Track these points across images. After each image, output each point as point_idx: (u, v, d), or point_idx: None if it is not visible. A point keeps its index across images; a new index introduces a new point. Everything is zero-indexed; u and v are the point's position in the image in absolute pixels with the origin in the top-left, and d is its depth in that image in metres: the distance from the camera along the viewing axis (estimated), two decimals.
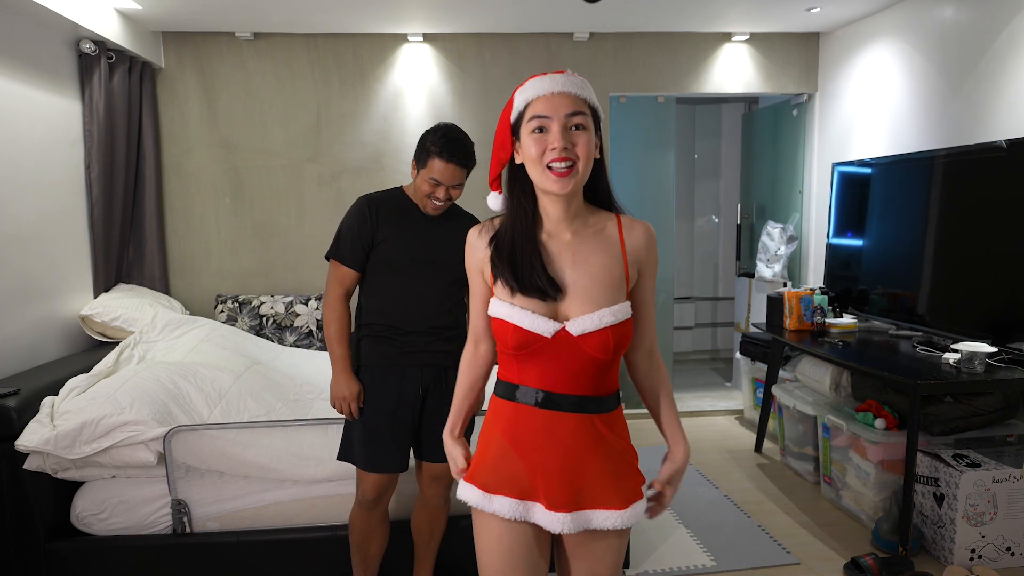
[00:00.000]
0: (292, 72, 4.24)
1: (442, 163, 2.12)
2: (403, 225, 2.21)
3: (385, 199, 2.25)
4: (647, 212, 4.66)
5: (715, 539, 3.00)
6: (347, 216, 2.23)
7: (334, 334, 2.21)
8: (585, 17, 4.01)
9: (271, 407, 2.97)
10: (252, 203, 4.30)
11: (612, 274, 1.41)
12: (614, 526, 1.39)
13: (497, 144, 1.44)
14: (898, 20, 3.81)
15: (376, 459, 2.20)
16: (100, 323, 3.49)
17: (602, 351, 1.36)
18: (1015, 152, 2.82)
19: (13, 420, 2.42)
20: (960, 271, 3.14)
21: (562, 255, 1.40)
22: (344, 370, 2.20)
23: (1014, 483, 2.70)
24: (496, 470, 1.42)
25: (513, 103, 1.40)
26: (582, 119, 1.35)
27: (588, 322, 1.35)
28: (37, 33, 3.24)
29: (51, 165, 3.33)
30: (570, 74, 1.38)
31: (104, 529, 2.52)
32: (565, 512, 1.38)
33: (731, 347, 5.63)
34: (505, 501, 1.40)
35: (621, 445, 1.45)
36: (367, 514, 2.28)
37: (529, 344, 1.37)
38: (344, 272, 2.22)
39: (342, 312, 2.23)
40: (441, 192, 2.16)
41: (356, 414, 2.20)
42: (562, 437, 1.39)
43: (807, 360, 3.64)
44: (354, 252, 2.20)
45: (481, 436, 1.49)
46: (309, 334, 4.11)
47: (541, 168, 1.34)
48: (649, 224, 1.50)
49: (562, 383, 1.38)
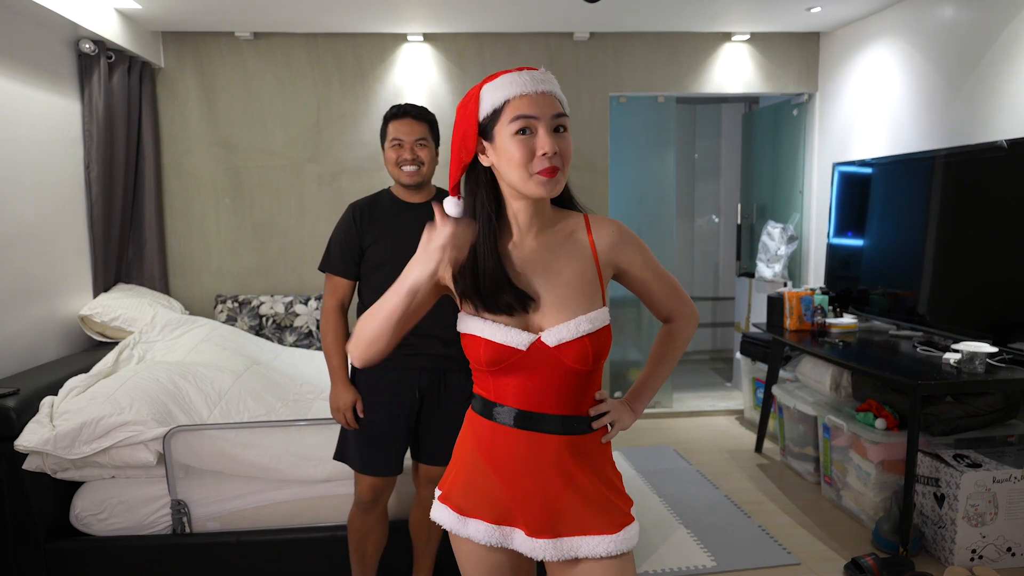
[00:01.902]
0: (292, 72, 4.23)
1: (396, 121, 2.16)
2: (391, 226, 2.19)
3: (371, 203, 2.24)
4: (647, 212, 4.65)
5: (715, 539, 3.00)
6: (336, 226, 2.25)
7: (330, 345, 2.21)
8: (585, 17, 4.01)
9: (271, 407, 2.97)
10: (252, 203, 4.30)
11: (586, 279, 1.33)
12: (608, 552, 1.30)
13: (457, 145, 1.31)
14: (898, 20, 3.80)
15: (370, 461, 2.20)
16: (100, 323, 3.48)
17: (580, 361, 1.29)
18: (1015, 152, 2.82)
19: (12, 420, 2.41)
20: (960, 271, 3.13)
21: (532, 262, 1.32)
22: (341, 380, 2.20)
23: (1015, 483, 2.70)
24: (471, 491, 1.36)
25: (479, 100, 1.28)
26: (565, 121, 1.28)
27: (564, 331, 1.28)
28: (37, 33, 3.24)
29: (51, 165, 3.33)
30: (545, 71, 1.30)
31: (104, 529, 2.52)
32: (547, 539, 1.31)
33: (731, 347, 5.63)
34: (480, 525, 1.34)
35: (606, 467, 1.38)
36: (364, 515, 2.28)
37: (503, 359, 1.29)
38: (337, 282, 2.22)
39: (337, 323, 2.22)
40: (407, 151, 2.15)
41: (353, 424, 2.19)
42: (542, 459, 1.31)
43: (807, 360, 3.64)
44: (344, 261, 2.20)
45: (456, 450, 1.43)
46: (309, 334, 4.11)
47: (526, 172, 1.24)
48: (618, 221, 1.40)
49: (541, 401, 1.31)
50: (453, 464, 1.42)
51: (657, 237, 4.59)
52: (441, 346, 2.17)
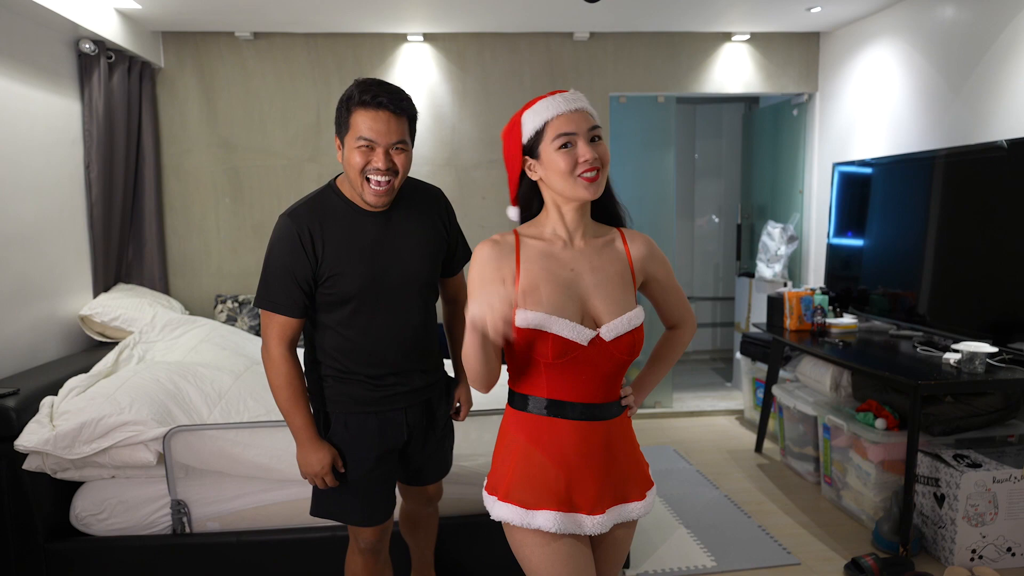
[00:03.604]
0: (292, 72, 4.23)
1: (367, 112, 1.63)
2: (351, 242, 1.73)
3: (319, 213, 1.74)
4: (647, 212, 4.66)
5: (715, 539, 3.00)
6: (272, 249, 1.74)
7: (287, 401, 1.77)
8: (585, 17, 4.01)
9: (271, 407, 2.96)
10: (252, 203, 4.30)
11: (625, 281, 1.51)
12: (639, 515, 1.53)
13: (509, 165, 1.54)
14: (898, 20, 3.80)
15: (368, 513, 1.89)
16: (100, 323, 3.48)
17: (630, 352, 1.45)
18: (1015, 152, 2.82)
19: (12, 420, 2.41)
20: (960, 271, 3.13)
21: (582, 260, 1.49)
22: (309, 440, 1.78)
23: (1015, 483, 2.70)
24: (532, 485, 1.45)
25: (522, 125, 1.48)
26: (599, 131, 1.47)
27: (619, 326, 1.44)
28: (37, 33, 3.23)
29: (51, 165, 3.33)
30: (575, 92, 1.48)
31: (104, 529, 2.52)
32: (601, 514, 1.46)
33: (731, 347, 5.63)
34: (548, 515, 1.43)
35: (632, 439, 1.57)
36: (373, 560, 1.97)
37: (568, 352, 1.41)
38: (282, 322, 1.74)
39: (291, 371, 1.76)
40: (379, 158, 1.64)
41: (333, 483, 1.83)
42: (594, 443, 1.46)
43: (807, 360, 3.64)
44: (290, 297, 1.72)
45: (507, 451, 1.50)
46: None
47: (572, 179, 1.42)
48: (649, 237, 1.62)
49: (594, 391, 1.45)
50: (502, 463, 1.51)
51: (657, 237, 4.58)
52: (422, 377, 1.90)
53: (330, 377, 1.83)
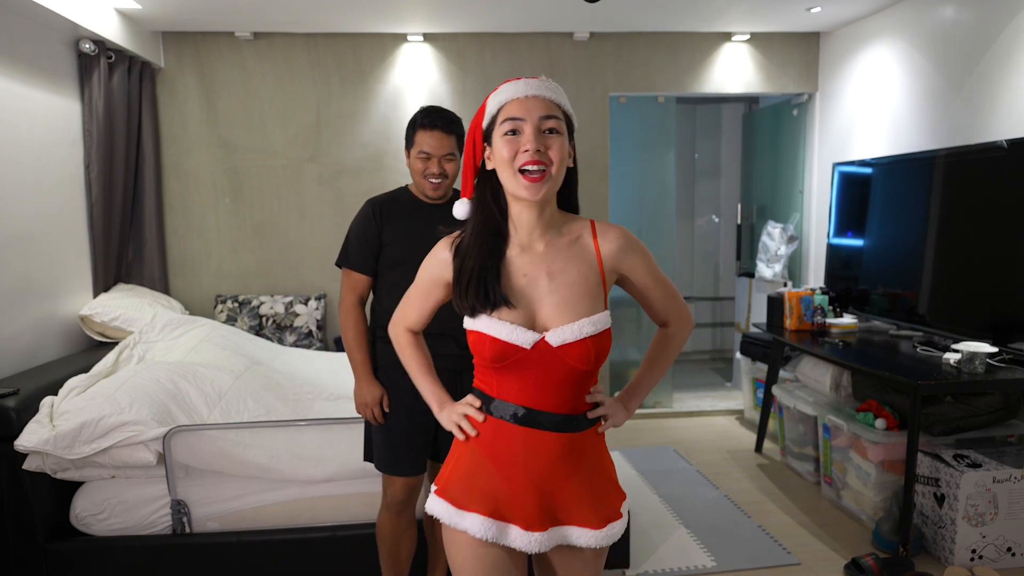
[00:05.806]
0: (292, 72, 4.23)
1: (425, 132, 2.13)
2: (409, 225, 2.18)
3: (389, 200, 2.23)
4: (647, 212, 4.66)
5: (715, 539, 3.00)
6: (354, 221, 2.22)
7: (352, 340, 2.18)
8: (585, 17, 4.01)
9: (271, 407, 2.96)
10: (252, 203, 4.30)
11: (589, 283, 1.38)
12: (588, 545, 1.38)
13: (468, 151, 1.43)
14: (898, 20, 3.80)
15: (394, 462, 2.18)
16: (100, 323, 3.48)
17: (583, 361, 1.34)
18: (1015, 152, 2.82)
19: (12, 420, 2.41)
20: (960, 271, 3.13)
21: (537, 265, 1.38)
22: (366, 376, 2.17)
23: (1015, 483, 2.70)
24: (469, 485, 1.39)
25: (486, 108, 1.39)
26: (556, 123, 1.34)
27: (568, 332, 1.33)
28: (37, 33, 3.24)
29: (51, 165, 3.33)
30: (545, 79, 1.37)
31: (104, 529, 2.52)
32: (540, 531, 1.36)
33: (731, 347, 5.63)
34: (476, 519, 1.36)
35: (600, 462, 1.43)
36: (397, 518, 2.23)
37: (507, 356, 1.34)
38: (355, 278, 2.20)
39: (358, 317, 2.19)
40: (434, 165, 2.12)
41: (380, 419, 2.16)
42: (542, 456, 1.36)
43: (807, 360, 3.64)
44: (362, 256, 2.17)
45: (454, 444, 1.46)
46: (309, 334, 4.11)
47: (512, 171, 1.32)
48: (624, 228, 1.46)
49: (542, 398, 1.35)
50: (451, 458, 1.45)
51: (657, 237, 4.59)
52: (456, 346, 2.11)
53: (381, 339, 2.18)
